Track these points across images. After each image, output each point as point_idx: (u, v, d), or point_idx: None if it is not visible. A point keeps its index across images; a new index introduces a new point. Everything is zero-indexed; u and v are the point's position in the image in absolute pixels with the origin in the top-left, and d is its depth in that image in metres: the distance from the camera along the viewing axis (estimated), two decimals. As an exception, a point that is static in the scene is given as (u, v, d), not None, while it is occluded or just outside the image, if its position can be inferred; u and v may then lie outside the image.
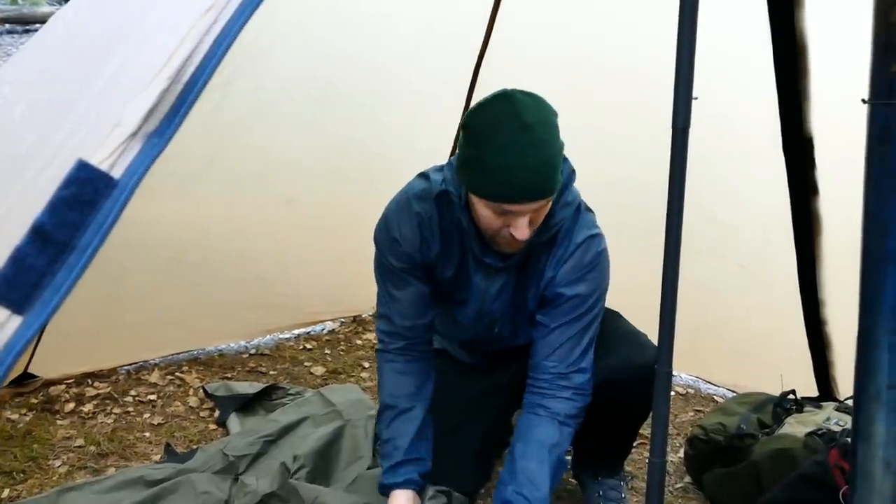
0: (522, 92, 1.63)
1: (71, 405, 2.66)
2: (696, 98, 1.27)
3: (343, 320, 3.52)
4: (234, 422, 2.54)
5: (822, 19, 1.92)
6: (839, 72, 1.95)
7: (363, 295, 3.48)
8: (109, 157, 0.96)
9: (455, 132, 3.17)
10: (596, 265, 1.84)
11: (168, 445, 2.42)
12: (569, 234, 1.81)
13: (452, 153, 3.24)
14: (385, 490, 1.94)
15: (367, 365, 3.12)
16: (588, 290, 1.84)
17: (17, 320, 0.97)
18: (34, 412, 2.60)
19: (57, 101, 1.15)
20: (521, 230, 1.63)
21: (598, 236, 1.85)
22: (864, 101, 1.18)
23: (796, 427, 2.27)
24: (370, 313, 3.56)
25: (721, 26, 1.93)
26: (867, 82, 1.20)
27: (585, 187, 1.90)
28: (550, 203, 1.68)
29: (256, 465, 2.19)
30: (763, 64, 2.09)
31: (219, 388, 2.73)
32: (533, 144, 1.56)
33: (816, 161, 2.20)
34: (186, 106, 0.98)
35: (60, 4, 8.60)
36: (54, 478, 2.25)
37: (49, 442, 2.44)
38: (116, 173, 0.97)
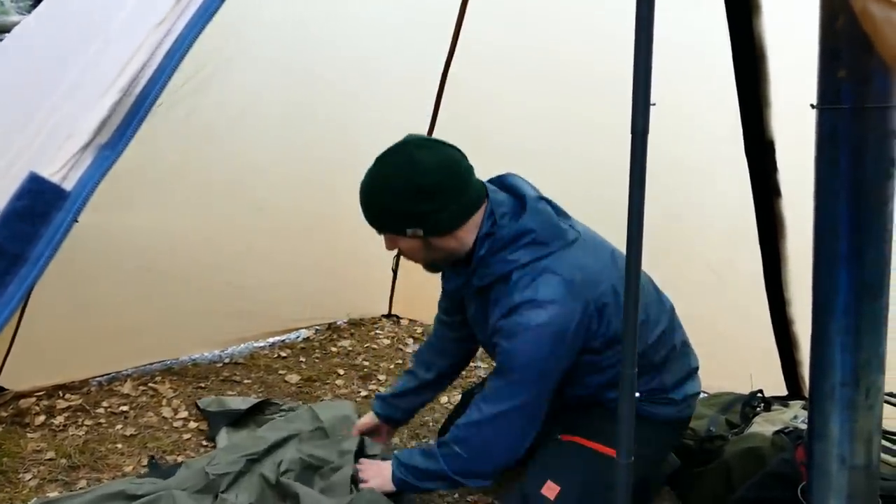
0: (420, 144, 1.80)
1: (41, 418, 2.64)
2: (653, 104, 1.29)
3: (318, 328, 3.51)
4: (222, 437, 2.51)
5: (780, 26, 1.96)
6: (797, 77, 1.98)
7: (337, 302, 3.49)
8: (61, 169, 0.96)
9: (427, 129, 3.17)
10: (524, 333, 1.77)
11: (152, 458, 2.40)
12: (510, 291, 1.81)
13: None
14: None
15: (341, 372, 3.12)
16: (512, 349, 1.81)
17: (-33, 332, 0.97)
18: (4, 425, 2.57)
19: (13, 113, 1.15)
20: (385, 244, 1.89)
21: (540, 307, 1.75)
22: (812, 105, 1.21)
23: (764, 426, 2.30)
24: (344, 321, 3.56)
25: (682, 32, 1.97)
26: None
27: (559, 182, 1.93)
28: (402, 241, 1.83)
29: (238, 483, 2.16)
30: (724, 69, 2.12)
31: (211, 404, 2.71)
32: (367, 182, 1.81)
33: (778, 164, 2.24)
34: (138, 118, 0.99)
35: (29, 13, 8.52)
36: (24, 491, 2.24)
37: (19, 455, 2.42)
38: (68, 185, 0.97)
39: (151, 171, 2.47)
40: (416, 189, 1.72)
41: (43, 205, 0.95)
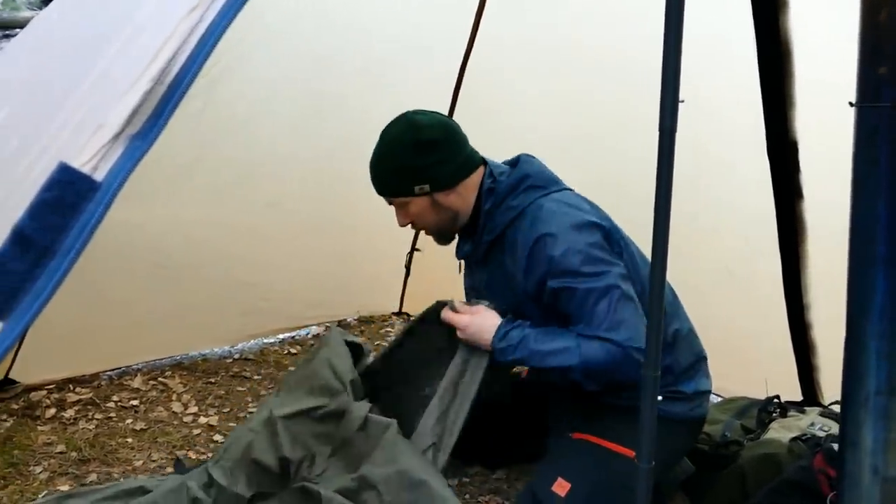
0: (417, 112, 1.93)
1: (52, 411, 2.63)
2: (682, 101, 1.27)
3: (328, 325, 3.50)
4: None
5: (807, 22, 1.93)
6: (824, 75, 1.96)
7: (347, 299, 3.47)
8: (91, 159, 0.94)
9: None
10: (549, 248, 1.82)
11: (178, 460, 2.37)
12: (518, 239, 1.89)
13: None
14: None
15: (352, 369, 3.10)
16: (566, 265, 1.81)
17: (-3, 326, 0.95)
18: (15, 418, 2.56)
19: (41, 104, 1.13)
20: (397, 219, 1.98)
21: (545, 237, 1.82)
22: (851, 104, 1.18)
23: (781, 432, 2.28)
24: (354, 318, 3.54)
25: (707, 29, 1.93)
26: (853, 85, 1.20)
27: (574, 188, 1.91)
28: (412, 204, 1.92)
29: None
30: (748, 67, 2.09)
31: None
32: (375, 152, 1.93)
33: (801, 165, 2.21)
34: (170, 107, 0.97)
35: (39, 9, 8.50)
36: (35, 484, 2.22)
37: (30, 448, 2.40)
38: (99, 176, 0.95)
39: (166, 166, 2.44)
40: (419, 144, 1.87)
41: (73, 196, 0.93)
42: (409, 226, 2.01)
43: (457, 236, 2.07)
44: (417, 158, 1.87)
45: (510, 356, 1.86)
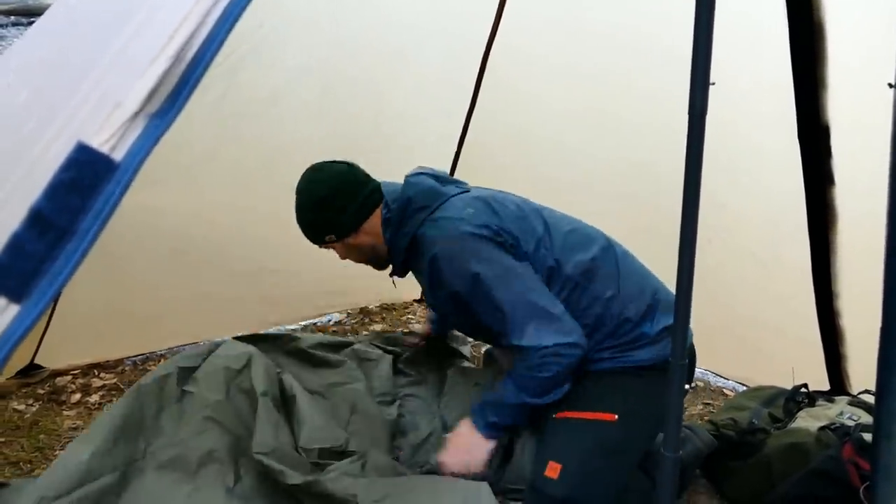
0: (315, 168, 2.10)
1: (77, 396, 2.66)
2: (713, 84, 1.24)
3: (349, 312, 3.50)
4: None
5: (841, 1, 1.87)
6: (858, 57, 1.91)
7: (370, 287, 3.46)
8: (110, 139, 0.93)
9: (464, 121, 3.13)
10: (442, 268, 1.96)
11: None
12: (420, 262, 2.04)
13: (459, 145, 3.21)
14: None
15: (374, 356, 3.09)
16: (455, 284, 1.95)
17: (14, 309, 0.94)
18: (41, 403, 2.59)
19: (59, 84, 1.12)
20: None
21: (434, 259, 1.96)
22: (890, 85, 1.14)
23: (808, 421, 2.24)
24: (376, 305, 3.53)
25: (739, 10, 1.89)
26: (889, 66, 1.16)
27: (599, 173, 1.88)
28: (334, 248, 2.12)
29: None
30: (780, 49, 2.04)
31: None
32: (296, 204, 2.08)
33: (833, 150, 2.16)
34: (190, 86, 0.95)
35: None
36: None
37: (56, 433, 2.43)
38: (117, 156, 0.93)
39: (188, 151, 2.45)
40: (313, 202, 2.04)
41: (91, 176, 0.92)
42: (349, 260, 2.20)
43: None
44: (316, 215, 2.05)
45: (503, 428, 2.00)
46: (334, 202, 2.04)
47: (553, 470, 1.87)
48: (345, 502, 1.79)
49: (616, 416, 1.90)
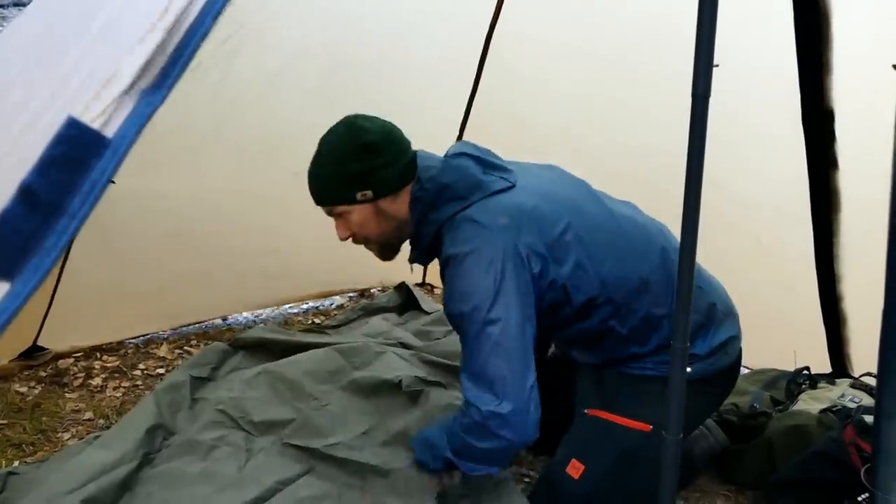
0: (357, 116, 1.83)
1: (80, 378, 2.66)
2: (716, 66, 1.22)
3: (351, 295, 3.50)
4: None
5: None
6: (863, 41, 1.88)
7: (370, 270, 3.45)
8: (102, 114, 0.91)
9: (466, 103, 3.11)
10: (447, 276, 1.78)
11: None
12: (444, 246, 1.81)
13: (462, 126, 3.19)
14: None
15: (375, 339, 3.10)
16: (451, 308, 1.77)
17: (4, 286, 0.92)
18: (43, 385, 2.60)
19: (47, 56, 1.09)
20: (338, 233, 1.87)
21: (458, 256, 1.74)
22: (894, 66, 1.13)
23: (810, 403, 2.24)
24: (378, 288, 3.53)
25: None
26: (894, 50, 1.15)
27: (602, 157, 1.86)
28: (354, 213, 1.81)
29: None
30: (784, 32, 2.02)
31: None
32: (314, 159, 1.83)
33: (836, 134, 2.14)
34: (184, 59, 0.92)
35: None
36: (63, 450, 2.25)
37: (58, 415, 2.44)
38: (109, 132, 0.91)
39: (187, 134, 2.44)
40: (362, 147, 1.76)
41: (82, 152, 0.90)
42: (350, 240, 1.90)
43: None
44: (360, 163, 1.76)
45: (439, 462, 1.86)
46: (386, 152, 1.78)
47: (575, 469, 1.82)
48: (361, 466, 1.93)
49: (651, 427, 1.79)
